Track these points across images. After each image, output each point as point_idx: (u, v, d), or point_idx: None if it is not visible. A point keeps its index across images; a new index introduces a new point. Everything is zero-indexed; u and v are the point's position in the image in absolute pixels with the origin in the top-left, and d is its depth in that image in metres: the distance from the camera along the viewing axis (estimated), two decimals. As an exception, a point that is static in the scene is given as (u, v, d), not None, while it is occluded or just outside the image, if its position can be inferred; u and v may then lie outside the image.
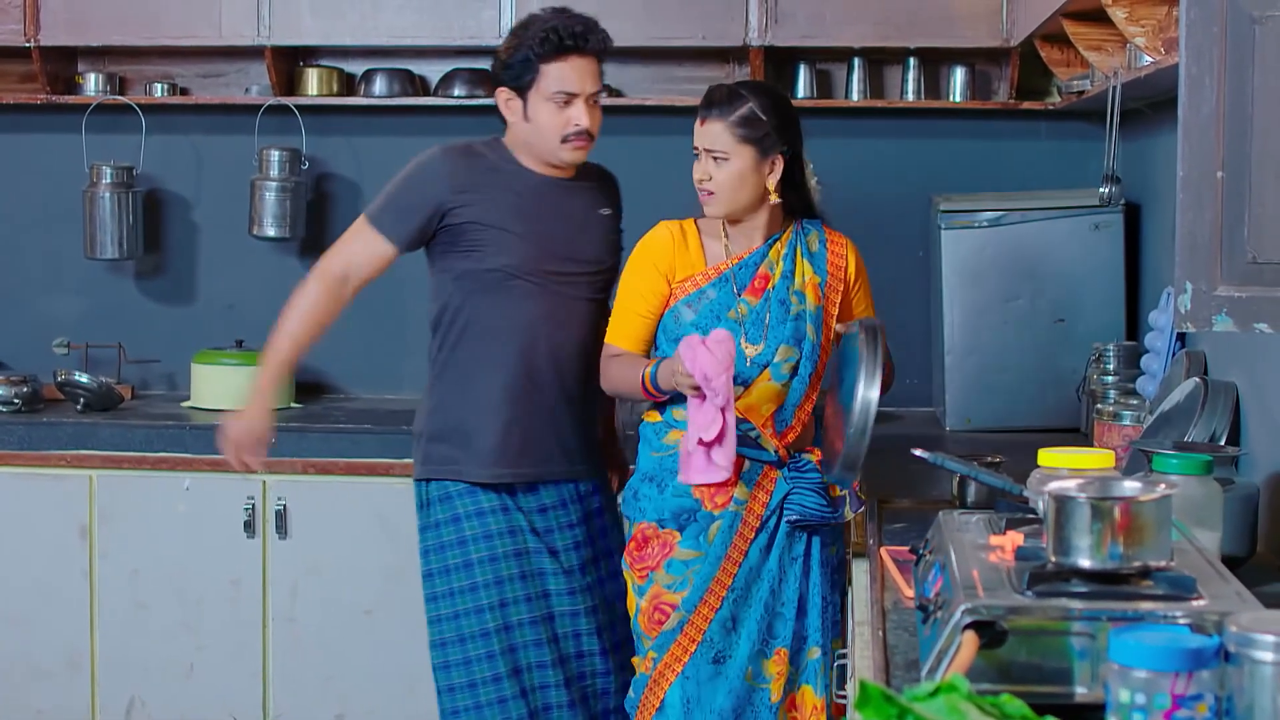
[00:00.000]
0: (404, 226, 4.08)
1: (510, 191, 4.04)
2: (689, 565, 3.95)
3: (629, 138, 5.88)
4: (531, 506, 4.09)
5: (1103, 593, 2.35)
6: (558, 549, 4.11)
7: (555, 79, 3.99)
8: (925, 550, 2.90)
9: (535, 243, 4.03)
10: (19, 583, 5.45)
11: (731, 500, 3.93)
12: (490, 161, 4.09)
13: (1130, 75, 4.14)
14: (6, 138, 6.19)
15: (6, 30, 5.76)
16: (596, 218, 4.16)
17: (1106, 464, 3.06)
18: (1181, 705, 1.99)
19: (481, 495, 4.06)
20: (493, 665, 4.01)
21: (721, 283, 3.98)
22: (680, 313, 3.99)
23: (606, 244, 4.21)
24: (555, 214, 4.08)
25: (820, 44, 5.60)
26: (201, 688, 5.40)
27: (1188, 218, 2.46)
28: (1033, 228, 5.27)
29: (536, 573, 4.07)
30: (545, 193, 4.09)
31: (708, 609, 3.93)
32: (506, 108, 4.06)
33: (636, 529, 4.02)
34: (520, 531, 4.07)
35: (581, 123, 4.01)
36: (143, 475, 5.39)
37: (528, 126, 4.03)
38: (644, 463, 4.06)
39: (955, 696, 1.94)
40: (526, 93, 4.01)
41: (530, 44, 3.99)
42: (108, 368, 5.96)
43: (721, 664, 3.95)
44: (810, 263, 4.05)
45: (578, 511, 4.16)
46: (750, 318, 3.97)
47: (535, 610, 4.05)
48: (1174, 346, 4.37)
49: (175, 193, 6.16)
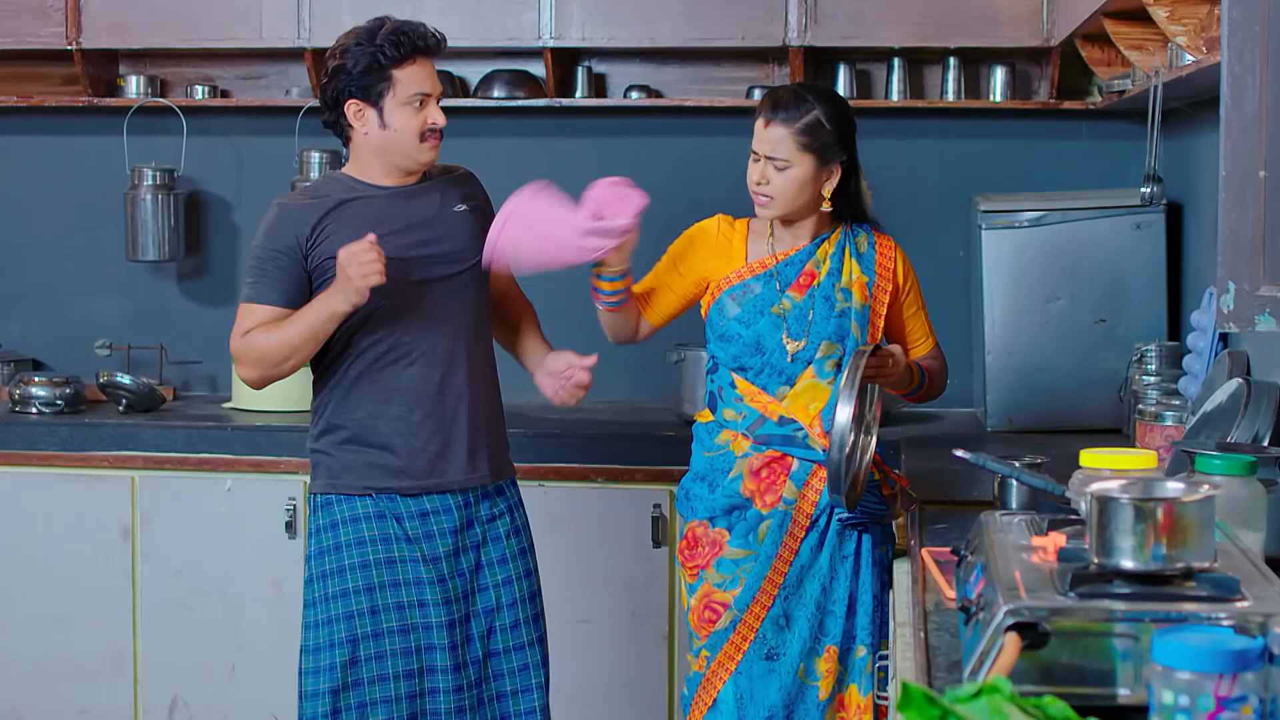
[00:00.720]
0: (279, 285, 3.94)
1: (361, 220, 3.94)
2: (739, 564, 3.95)
3: (668, 139, 5.89)
4: (411, 511, 4.04)
5: (1146, 594, 2.34)
6: (438, 556, 4.04)
7: (410, 83, 3.94)
8: (967, 551, 2.89)
9: (395, 258, 3.90)
10: (62, 583, 5.48)
11: (781, 500, 3.93)
12: (334, 197, 4.00)
13: (1172, 74, 4.13)
14: (48, 140, 6.22)
15: (48, 33, 5.80)
16: (451, 215, 4.08)
17: (1149, 465, 3.05)
18: (1225, 707, 1.98)
19: (358, 501, 4.03)
20: (355, 672, 3.98)
21: (767, 278, 3.98)
22: (725, 305, 4.00)
23: (468, 238, 4.08)
24: (408, 223, 3.99)
25: (860, 44, 5.60)
26: (243, 688, 5.43)
27: (1230, 217, 2.45)
28: (1074, 228, 5.26)
29: (410, 581, 4.01)
30: (394, 206, 4.00)
31: (760, 607, 3.93)
32: (357, 119, 3.96)
33: (688, 528, 4.03)
34: (393, 540, 4.02)
35: (439, 121, 3.97)
36: (184, 476, 5.41)
37: (384, 134, 3.95)
38: (696, 462, 4.06)
39: (998, 698, 1.93)
40: (380, 101, 3.96)
41: (379, 52, 3.93)
42: (150, 369, 5.99)
43: (774, 660, 3.95)
44: (859, 262, 4.04)
45: (462, 516, 4.11)
46: (793, 313, 3.96)
47: (405, 619, 4.00)
48: (1216, 347, 4.35)
49: (216, 194, 6.19)
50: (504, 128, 5.93)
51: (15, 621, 5.52)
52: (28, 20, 5.81)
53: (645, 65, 5.98)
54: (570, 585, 5.27)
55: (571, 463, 5.27)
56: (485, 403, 4.13)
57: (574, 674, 5.25)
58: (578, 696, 5.24)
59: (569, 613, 5.27)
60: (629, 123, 5.97)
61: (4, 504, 5.49)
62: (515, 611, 4.14)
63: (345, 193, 4.03)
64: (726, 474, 3.95)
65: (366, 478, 4.01)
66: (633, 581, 5.31)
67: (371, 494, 4.00)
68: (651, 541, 5.28)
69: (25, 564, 5.50)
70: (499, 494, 4.16)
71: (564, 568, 5.24)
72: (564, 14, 5.61)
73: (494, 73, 5.86)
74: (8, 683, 5.54)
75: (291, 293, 3.94)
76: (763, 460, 3.95)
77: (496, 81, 5.84)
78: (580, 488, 5.28)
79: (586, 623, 5.30)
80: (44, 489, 5.48)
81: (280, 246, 3.95)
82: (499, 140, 5.89)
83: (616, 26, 5.64)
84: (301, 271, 3.95)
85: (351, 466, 4.01)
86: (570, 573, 5.27)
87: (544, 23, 5.61)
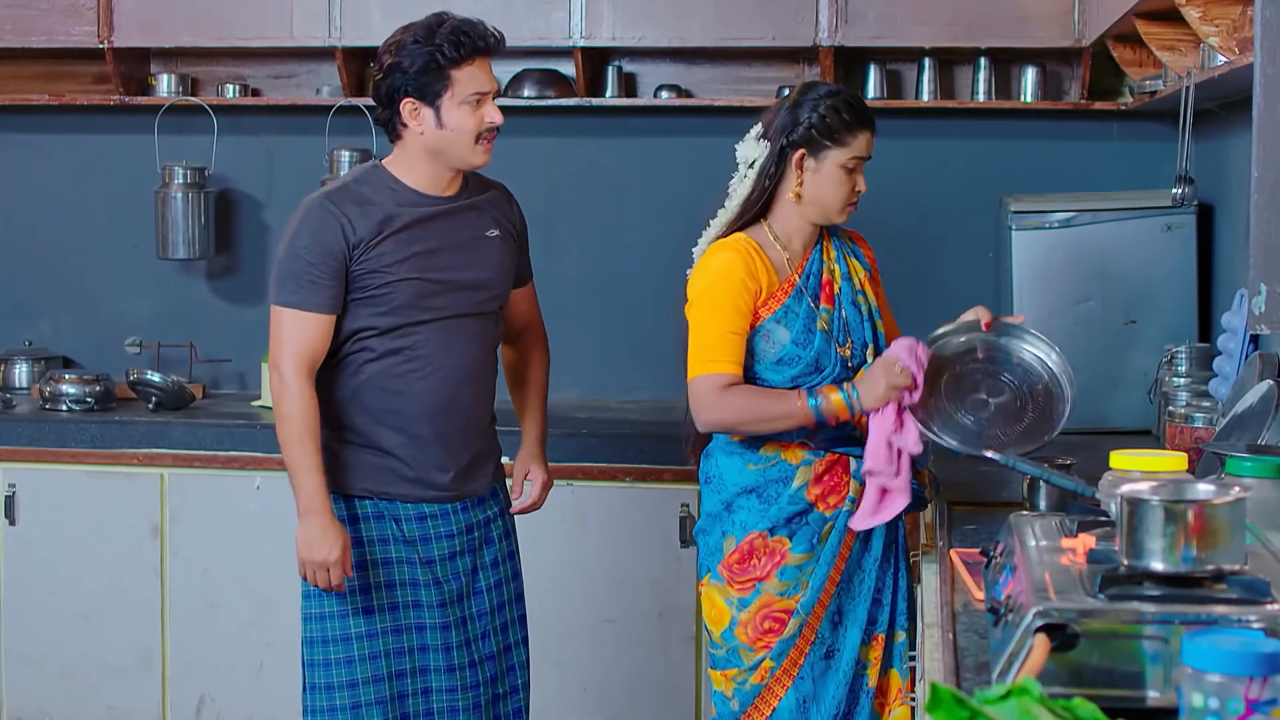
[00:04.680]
0: (328, 291, 3.89)
1: (401, 234, 3.91)
2: (802, 569, 3.90)
3: (697, 139, 5.89)
4: (410, 515, 4.03)
5: (1176, 596, 2.33)
6: (434, 558, 4.04)
7: (469, 82, 3.90)
8: (996, 552, 2.89)
9: (424, 279, 3.91)
10: (91, 580, 5.50)
11: (846, 500, 3.91)
12: (380, 206, 3.95)
13: (1204, 75, 4.12)
14: (80, 138, 6.25)
15: (80, 32, 5.82)
16: (483, 240, 4.05)
17: (1179, 466, 3.04)
18: (1255, 710, 1.98)
19: (357, 501, 4.01)
20: (350, 670, 3.97)
21: (799, 295, 3.92)
22: (774, 333, 3.88)
23: (495, 266, 4.07)
24: (441, 244, 3.97)
25: (891, 44, 5.59)
26: (271, 686, 5.44)
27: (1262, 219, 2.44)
28: (1104, 229, 5.24)
29: (406, 582, 4.01)
30: (431, 227, 3.97)
31: (820, 607, 3.91)
32: (412, 118, 3.91)
33: (744, 541, 3.92)
34: (390, 541, 4.01)
35: (496, 119, 3.93)
36: (214, 474, 5.43)
37: (440, 134, 3.90)
38: (739, 476, 3.95)
39: (1027, 700, 1.93)
40: (438, 100, 3.92)
41: (439, 51, 3.90)
42: (179, 367, 6.01)
43: (832, 658, 3.93)
44: (857, 259, 4.03)
45: (459, 521, 4.09)
46: (835, 323, 3.93)
47: (400, 619, 4.00)
48: (1247, 349, 4.34)
49: (246, 193, 6.20)
50: (534, 127, 5.93)
51: (44, 618, 5.54)
52: (60, 19, 5.83)
53: (675, 65, 5.98)
54: (597, 585, 5.27)
55: (600, 462, 5.27)
56: (487, 417, 4.15)
57: (601, 673, 5.25)
58: (604, 696, 5.24)
59: (596, 612, 5.28)
60: (659, 122, 5.98)
61: (34, 501, 5.51)
62: (505, 613, 4.15)
63: (388, 200, 3.96)
64: (786, 483, 3.90)
65: (367, 480, 4.00)
66: (660, 582, 5.31)
67: (371, 496, 4.01)
68: (679, 541, 5.27)
69: (54, 561, 5.52)
70: (493, 497, 4.17)
71: (591, 567, 5.24)
72: (594, 13, 5.61)
73: (524, 72, 5.86)
74: (36, 679, 5.56)
75: (337, 299, 3.89)
76: (825, 465, 3.92)
77: (526, 81, 5.84)
78: (608, 487, 5.28)
79: (613, 622, 5.30)
80: (73, 486, 5.50)
81: (328, 251, 3.88)
82: (529, 140, 5.89)
83: (647, 26, 5.64)
84: (344, 277, 3.89)
85: (353, 467, 4.00)
86: (597, 572, 5.28)
87: (574, 22, 5.62)
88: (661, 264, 5.80)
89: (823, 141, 3.85)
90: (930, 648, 3.07)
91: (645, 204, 5.95)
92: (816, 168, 3.87)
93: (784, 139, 3.87)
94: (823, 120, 3.84)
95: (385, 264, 3.89)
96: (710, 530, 3.99)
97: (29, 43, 5.87)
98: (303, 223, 3.93)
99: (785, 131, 3.87)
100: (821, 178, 3.87)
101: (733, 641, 3.95)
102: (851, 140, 3.86)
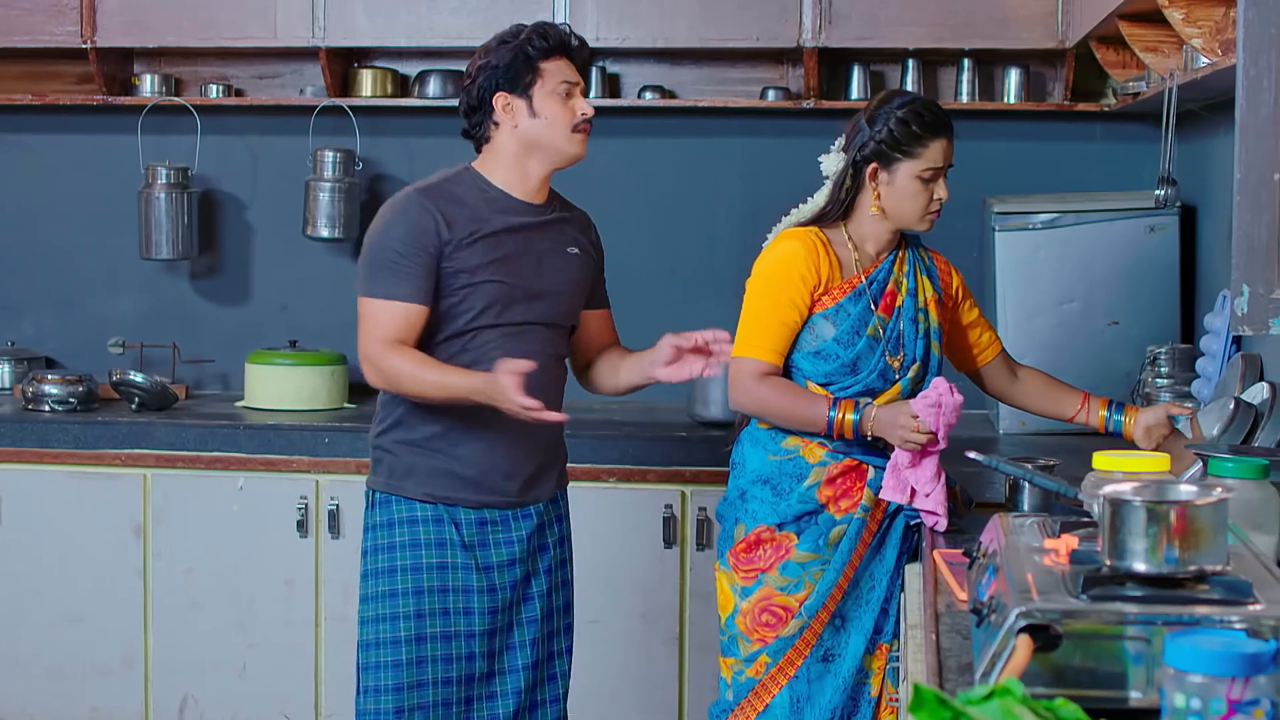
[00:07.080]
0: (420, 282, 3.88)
1: (487, 237, 3.92)
2: (805, 568, 3.91)
3: (681, 139, 5.89)
4: (470, 519, 4.02)
5: (1158, 597, 2.33)
6: (491, 565, 4.03)
7: (557, 73, 3.96)
8: (979, 553, 2.89)
9: (502, 283, 3.91)
10: (74, 581, 5.48)
11: (859, 506, 3.91)
12: (467, 201, 3.96)
13: (1187, 77, 4.12)
14: (63, 138, 6.23)
15: (64, 31, 5.81)
16: (564, 255, 4.06)
17: (1162, 467, 3.04)
18: (1237, 710, 1.98)
19: (418, 505, 4.01)
20: (396, 674, 3.97)
21: (856, 297, 3.91)
22: (819, 327, 3.91)
23: (569, 280, 4.08)
24: (524, 250, 3.97)
25: (874, 45, 5.60)
26: (254, 687, 5.43)
27: (1245, 220, 2.44)
28: (1087, 230, 5.25)
29: (460, 588, 4.00)
30: (518, 230, 3.97)
31: (825, 612, 3.91)
32: (505, 112, 3.94)
33: (752, 532, 3.95)
34: (448, 545, 4.00)
35: (588, 110, 3.96)
36: (197, 475, 5.42)
37: (534, 124, 3.93)
38: (758, 465, 3.98)
39: (1009, 700, 1.93)
40: (529, 91, 3.96)
41: (527, 44, 3.94)
42: (162, 367, 6.00)
43: (830, 661, 3.93)
44: (929, 280, 4.04)
45: (520, 528, 4.09)
46: (888, 334, 3.93)
47: (451, 625, 4.00)
48: (1229, 350, 4.35)
49: (230, 193, 6.20)
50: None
51: (27, 619, 5.53)
52: (43, 19, 5.82)
53: (659, 66, 5.98)
54: (581, 585, 5.24)
55: (584, 463, 5.26)
56: (557, 428, 4.10)
57: (584, 674, 5.24)
58: (588, 697, 5.24)
59: (580, 613, 5.26)
60: (643, 123, 5.97)
61: (16, 502, 5.50)
62: (552, 621, 4.15)
63: (480, 203, 3.97)
64: (799, 480, 3.91)
65: (429, 484, 3.98)
66: (644, 582, 5.31)
67: (432, 500, 4.00)
68: (663, 542, 5.27)
69: (37, 562, 5.50)
70: (552, 503, 4.16)
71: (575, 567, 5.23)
72: (578, 14, 5.61)
73: (508, 73, 5.85)
74: (20, 680, 5.54)
75: (429, 291, 3.88)
76: (841, 468, 3.93)
77: (510, 81, 5.84)
78: (593, 487, 5.27)
79: (597, 623, 5.29)
80: (56, 487, 5.48)
81: (421, 245, 3.87)
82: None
83: (631, 27, 5.64)
84: (436, 271, 3.88)
85: (415, 471, 3.99)
86: (581, 573, 5.24)
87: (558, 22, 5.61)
88: (645, 264, 5.80)
89: (893, 154, 3.87)
90: (913, 648, 3.08)
91: (629, 205, 5.94)
92: (890, 180, 3.89)
93: (857, 153, 3.89)
94: (891, 133, 3.86)
95: (470, 266, 3.89)
96: (727, 516, 4.04)
97: (12, 42, 5.85)
98: (396, 215, 3.93)
99: (859, 145, 3.89)
100: (896, 190, 3.89)
101: (733, 629, 4.00)
102: (923, 151, 3.87)
